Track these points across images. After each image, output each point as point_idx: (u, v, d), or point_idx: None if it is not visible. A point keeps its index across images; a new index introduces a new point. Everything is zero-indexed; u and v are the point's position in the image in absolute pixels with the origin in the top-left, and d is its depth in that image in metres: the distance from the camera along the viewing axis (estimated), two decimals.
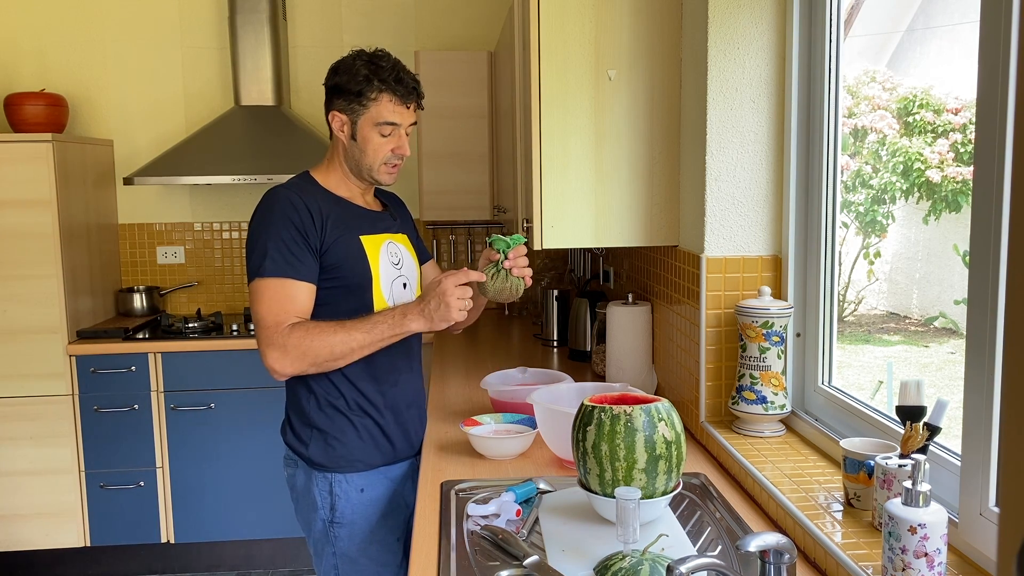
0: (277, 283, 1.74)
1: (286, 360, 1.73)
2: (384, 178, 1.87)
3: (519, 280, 1.82)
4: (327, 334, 1.72)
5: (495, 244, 1.81)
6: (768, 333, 1.80)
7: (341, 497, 1.87)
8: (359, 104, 1.80)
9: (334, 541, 1.89)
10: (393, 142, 1.84)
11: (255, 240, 1.79)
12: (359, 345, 1.74)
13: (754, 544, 1.13)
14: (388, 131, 1.82)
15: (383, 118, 1.81)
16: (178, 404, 3.41)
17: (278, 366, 1.74)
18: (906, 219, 3.53)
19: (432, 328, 1.74)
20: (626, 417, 1.40)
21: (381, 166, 1.85)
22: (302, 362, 1.74)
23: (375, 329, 1.73)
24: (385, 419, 1.91)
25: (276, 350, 1.73)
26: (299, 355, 1.72)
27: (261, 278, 1.75)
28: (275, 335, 1.73)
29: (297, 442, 1.91)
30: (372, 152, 1.83)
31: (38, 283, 3.31)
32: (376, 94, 1.79)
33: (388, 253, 1.90)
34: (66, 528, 3.42)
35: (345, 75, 1.81)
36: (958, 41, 3.27)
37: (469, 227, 4.03)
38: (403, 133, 1.85)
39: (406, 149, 1.86)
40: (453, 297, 1.70)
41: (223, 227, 4.00)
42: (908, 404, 1.37)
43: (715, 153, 1.92)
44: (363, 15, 3.93)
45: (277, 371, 1.75)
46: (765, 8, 1.89)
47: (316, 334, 1.72)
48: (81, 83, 3.83)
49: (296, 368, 1.75)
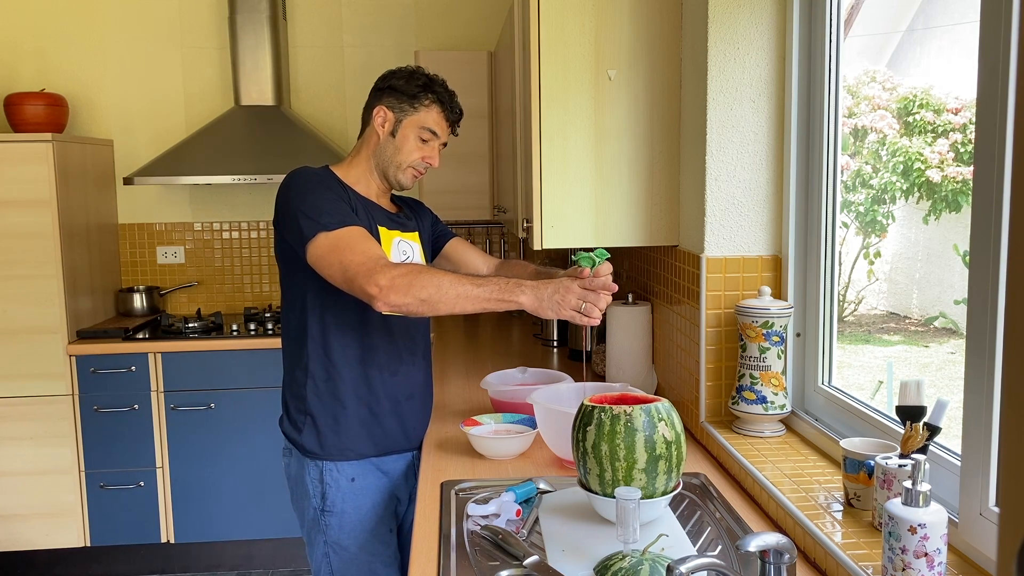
0: (348, 231, 1.71)
1: (394, 291, 1.61)
2: (406, 180, 1.93)
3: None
4: (437, 273, 1.67)
5: (581, 261, 1.68)
6: (768, 333, 1.80)
7: (331, 486, 1.89)
8: (410, 106, 1.89)
9: (325, 530, 1.90)
10: (427, 150, 1.92)
11: (301, 205, 1.74)
12: (467, 294, 1.64)
13: (754, 544, 1.13)
14: (427, 138, 1.90)
15: (428, 124, 1.89)
16: (178, 404, 3.41)
17: (385, 295, 1.61)
18: (906, 219, 3.53)
19: (539, 312, 1.65)
20: (626, 417, 1.40)
21: (408, 168, 1.91)
22: (408, 294, 1.62)
23: (486, 285, 1.65)
24: (381, 407, 1.91)
25: (384, 278, 1.62)
26: (406, 286, 1.62)
27: (326, 231, 1.70)
28: (380, 267, 1.64)
29: (292, 429, 1.93)
30: (407, 152, 1.89)
31: (38, 283, 3.31)
32: (429, 102, 1.89)
33: (399, 250, 1.92)
34: (66, 528, 3.42)
35: (403, 80, 1.90)
36: (958, 41, 3.27)
37: (469, 227, 4.03)
38: (437, 146, 1.93)
39: (436, 161, 1.94)
40: (574, 296, 1.63)
41: (223, 227, 4.00)
42: (908, 404, 1.37)
43: (715, 153, 1.92)
44: (363, 15, 3.93)
45: (383, 299, 1.62)
46: (765, 8, 1.89)
47: (424, 270, 1.66)
48: (81, 83, 3.83)
49: (400, 297, 1.62)
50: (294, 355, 1.92)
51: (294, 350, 1.91)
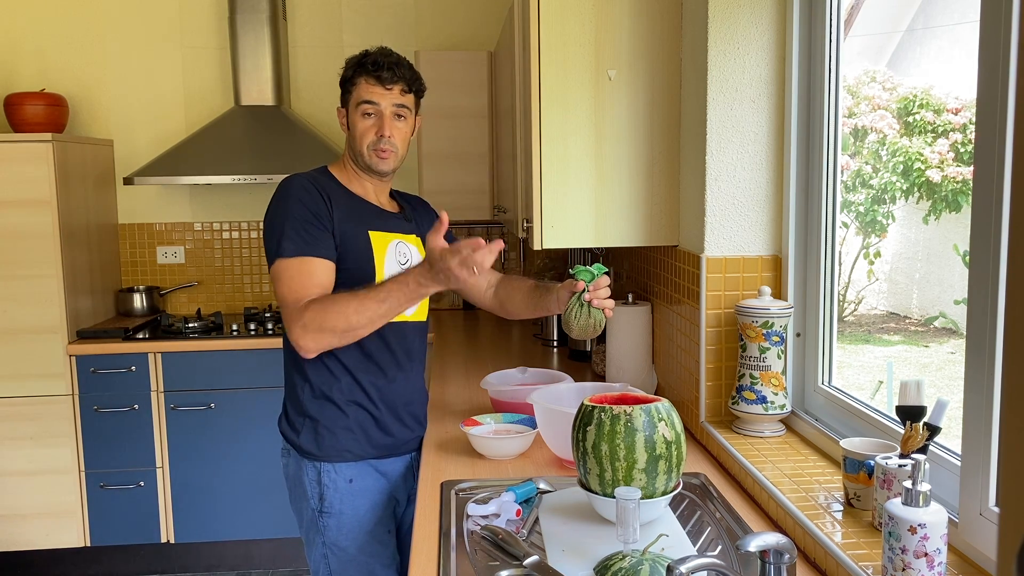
0: (296, 262, 1.76)
1: (308, 336, 1.71)
2: (376, 163, 1.88)
3: (600, 313, 1.73)
4: (341, 304, 1.70)
5: (579, 275, 1.72)
6: (768, 333, 1.80)
7: (329, 487, 1.89)
8: (347, 93, 1.89)
9: (323, 531, 1.90)
10: (374, 123, 1.86)
11: (271, 224, 1.82)
12: (376, 314, 1.70)
13: (754, 544, 1.13)
14: (369, 111, 1.85)
15: (360, 98, 1.86)
16: (178, 404, 3.40)
17: (302, 342, 1.72)
18: (906, 219, 3.53)
19: (448, 286, 1.64)
20: (626, 417, 1.40)
21: (370, 152, 1.87)
22: (323, 335, 1.71)
23: (387, 299, 1.69)
24: (379, 411, 1.91)
25: (298, 326, 1.72)
26: (318, 329, 1.70)
27: (280, 259, 1.77)
28: (295, 312, 1.73)
29: (290, 430, 1.93)
30: (359, 136, 1.87)
31: (38, 283, 3.31)
32: (356, 78, 1.87)
33: (397, 252, 1.91)
34: (66, 528, 3.42)
35: (343, 72, 1.91)
36: (958, 41, 3.27)
37: (469, 227, 4.03)
38: (387, 115, 1.86)
39: (385, 129, 1.85)
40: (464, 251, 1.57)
41: (223, 227, 4.00)
42: (908, 404, 1.37)
43: (715, 153, 1.92)
44: (363, 15, 3.93)
45: (302, 347, 1.73)
46: (765, 8, 1.89)
47: (330, 306, 1.71)
48: (81, 83, 3.83)
49: (319, 342, 1.72)
50: (292, 359, 1.92)
51: (292, 354, 1.91)
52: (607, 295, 1.74)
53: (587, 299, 1.72)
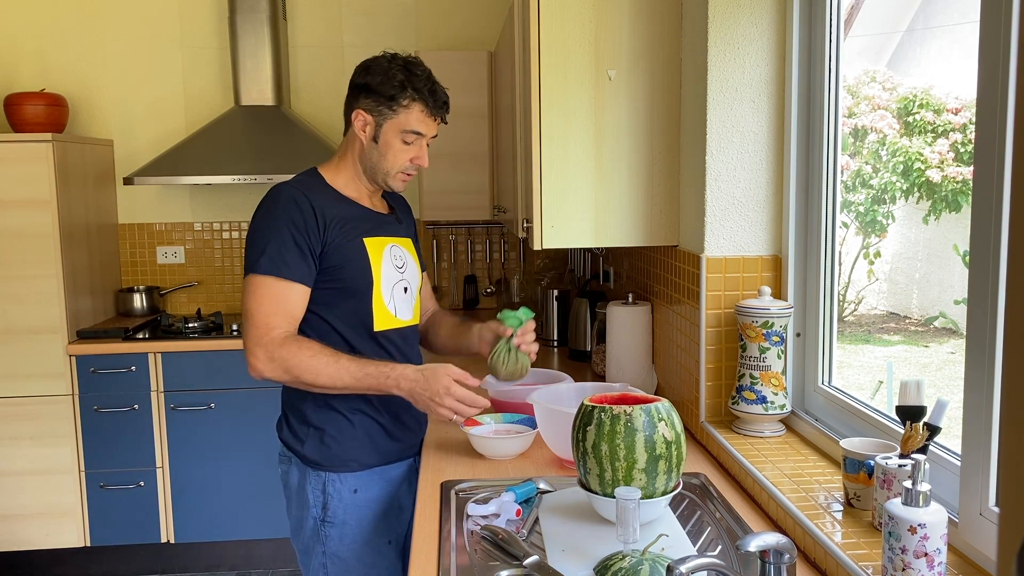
0: (271, 281, 1.75)
1: (270, 366, 1.73)
2: (397, 185, 1.86)
3: (527, 357, 1.83)
4: (317, 362, 1.72)
5: (507, 320, 1.78)
6: (768, 333, 1.80)
7: (334, 497, 1.87)
8: (388, 108, 1.78)
9: (324, 541, 1.88)
10: (414, 151, 1.82)
11: (255, 235, 1.79)
12: (343, 386, 1.74)
13: (754, 544, 1.13)
14: (411, 140, 1.80)
15: (410, 127, 1.79)
16: (178, 404, 3.41)
17: (260, 366, 1.73)
18: (906, 219, 3.53)
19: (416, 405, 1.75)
20: (626, 417, 1.40)
21: (397, 173, 1.84)
22: (282, 374, 1.74)
23: (365, 379, 1.73)
24: (384, 418, 1.90)
25: (263, 353, 1.73)
26: (282, 367, 1.72)
27: (255, 274, 1.76)
28: (264, 337, 1.73)
29: (293, 439, 1.90)
30: (392, 158, 1.81)
31: (38, 283, 3.31)
32: (408, 102, 1.77)
33: (392, 256, 1.88)
34: (66, 528, 3.42)
35: (378, 76, 1.77)
36: (958, 41, 3.27)
37: (469, 227, 4.03)
38: (424, 144, 1.84)
39: (425, 160, 1.84)
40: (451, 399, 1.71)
41: (223, 227, 4.00)
42: (908, 404, 1.37)
43: (715, 153, 1.92)
44: (363, 15, 3.93)
45: (256, 369, 1.75)
46: (765, 8, 1.89)
47: (307, 358, 1.72)
48: (81, 83, 3.83)
49: (275, 376, 1.75)
50: None
51: None
52: (533, 339, 1.86)
53: (516, 343, 1.82)
